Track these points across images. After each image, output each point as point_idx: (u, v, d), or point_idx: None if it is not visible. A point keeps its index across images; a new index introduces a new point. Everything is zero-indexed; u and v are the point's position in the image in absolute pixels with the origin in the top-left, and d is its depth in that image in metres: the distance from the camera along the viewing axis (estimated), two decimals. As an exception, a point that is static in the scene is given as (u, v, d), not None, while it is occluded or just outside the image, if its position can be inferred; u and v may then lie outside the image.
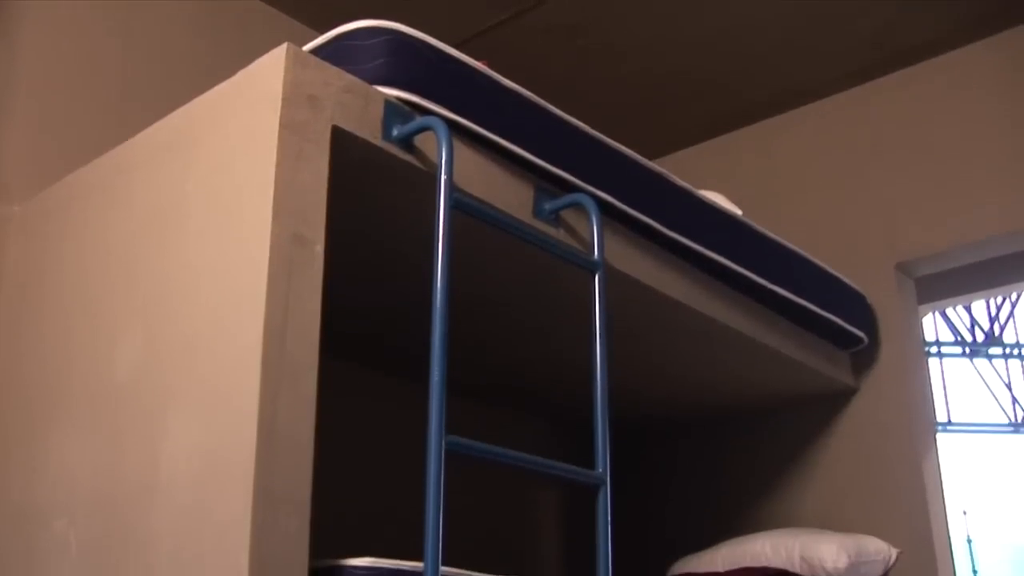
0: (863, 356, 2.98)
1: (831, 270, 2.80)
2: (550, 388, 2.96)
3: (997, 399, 9.59)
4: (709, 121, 3.55)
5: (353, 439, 2.63)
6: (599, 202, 1.97)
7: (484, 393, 2.98)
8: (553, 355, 2.65)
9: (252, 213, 1.50)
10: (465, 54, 1.83)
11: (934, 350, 9.23)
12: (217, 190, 1.61)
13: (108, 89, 2.44)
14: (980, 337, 9.47)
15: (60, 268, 1.95)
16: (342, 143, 1.59)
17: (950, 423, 9.27)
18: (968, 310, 9.41)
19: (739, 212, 2.56)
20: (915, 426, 2.90)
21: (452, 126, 1.72)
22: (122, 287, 1.76)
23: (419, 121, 1.67)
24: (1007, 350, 9.55)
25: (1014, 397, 9.59)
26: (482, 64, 1.86)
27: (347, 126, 1.60)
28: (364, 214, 1.88)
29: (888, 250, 3.06)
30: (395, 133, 1.67)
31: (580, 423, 2.14)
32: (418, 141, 1.71)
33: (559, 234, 1.94)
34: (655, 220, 2.17)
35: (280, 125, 1.50)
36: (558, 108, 2.00)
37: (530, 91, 1.94)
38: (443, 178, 1.58)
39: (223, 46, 2.72)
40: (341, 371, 2.53)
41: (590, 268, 1.86)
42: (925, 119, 3.12)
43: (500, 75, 1.88)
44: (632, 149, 2.17)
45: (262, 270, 1.44)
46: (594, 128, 2.08)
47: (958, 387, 9.49)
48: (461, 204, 1.62)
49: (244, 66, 1.63)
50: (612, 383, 1.79)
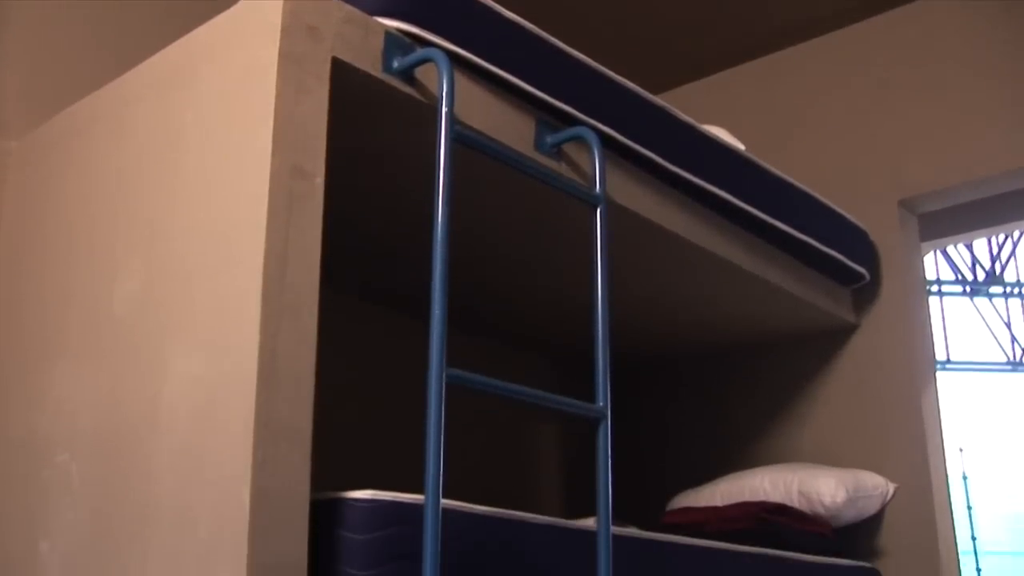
0: (864, 293, 2.98)
1: (833, 206, 2.79)
2: (551, 324, 2.96)
3: (996, 338, 9.61)
4: (712, 56, 3.51)
5: (354, 373, 2.63)
6: (601, 135, 1.95)
7: (485, 330, 2.98)
8: (554, 291, 2.65)
9: (252, 146, 1.49)
10: (466, -15, 1.80)
11: (934, 289, 9.24)
12: (216, 123, 1.60)
13: (105, 22, 2.40)
14: (981, 276, 9.47)
15: (59, 203, 1.94)
16: (342, 75, 1.57)
17: (949, 362, 9.30)
18: (969, 248, 9.40)
19: (742, 147, 2.54)
20: (915, 363, 2.91)
21: (453, 58, 1.70)
22: (121, 221, 1.75)
23: (420, 53, 1.65)
24: (1007, 289, 9.54)
25: (1013, 336, 9.61)
26: (484, -5, 1.83)
27: (347, 58, 1.58)
28: (365, 147, 1.87)
29: (891, 186, 3.05)
30: (395, 65, 1.65)
31: (580, 361, 2.15)
32: (419, 73, 1.69)
33: (560, 168, 1.93)
34: (657, 154, 2.16)
35: (280, 56, 1.49)
36: (560, 41, 1.97)
37: (532, 24, 1.91)
38: (444, 110, 1.56)
39: (221, -23, 2.68)
40: (342, 305, 2.53)
41: (591, 202, 1.85)
42: (930, 55, 3.09)
43: (502, 7, 1.86)
44: (635, 83, 2.14)
45: (262, 203, 1.43)
46: (597, 62, 2.05)
47: (957, 326, 9.51)
48: (462, 137, 1.61)
49: (243, -3, 1.61)
50: (612, 318, 1.79)
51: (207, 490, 1.41)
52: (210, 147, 1.59)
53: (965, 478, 8.49)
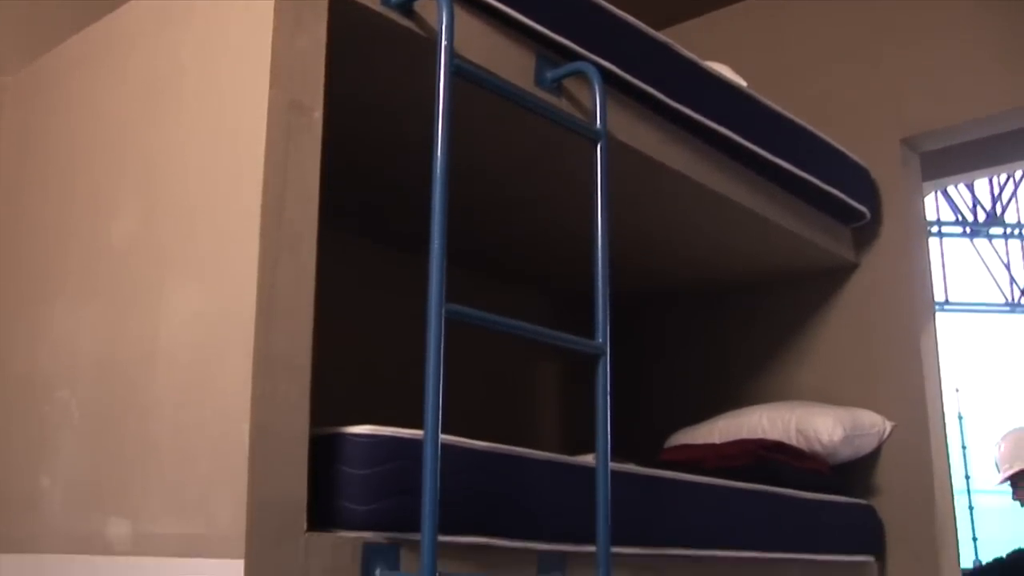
0: (865, 232, 2.97)
1: (835, 144, 2.77)
2: (551, 263, 2.96)
3: (995, 278, 9.62)
4: (716, -9, 3.47)
5: (354, 310, 2.63)
6: (602, 71, 1.93)
7: (484, 267, 2.98)
8: (553, 227, 2.64)
9: (249, 80, 1.47)
10: (466, -84, 1.77)
11: (934, 230, 9.22)
12: (213, 57, 1.58)
13: (99, -47, 2.37)
14: (981, 217, 9.45)
15: (56, 139, 1.92)
16: (340, 8, 1.55)
17: (947, 302, 9.31)
18: (971, 189, 9.37)
19: (744, 84, 2.52)
20: (914, 303, 2.91)
21: (452, -10, 1.68)
22: (119, 157, 1.74)
23: (419, -15, 1.63)
24: (1008, 230, 9.53)
25: (1012, 277, 9.62)
26: (483, -73, 1.80)
27: (345, -10, 1.56)
28: (363, 82, 1.85)
29: (894, 125, 3.02)
30: (394, -2, 1.63)
31: (580, 300, 2.14)
32: (418, 7, 1.67)
33: (561, 103, 1.91)
34: (659, 90, 2.14)
35: (277, -11, 1.47)
36: (561, -26, 1.95)
37: (532, -44, 1.89)
38: (443, 44, 1.54)
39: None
40: (341, 242, 2.52)
41: (592, 137, 1.83)
42: (935, -8, 3.05)
43: (502, -62, 1.83)
44: (637, 19, 2.12)
45: (260, 137, 1.42)
46: (598, -5, 2.03)
47: (956, 267, 9.51)
48: (462, 71, 1.59)
49: (239, -72, 1.58)
50: (612, 255, 1.78)
51: (207, 425, 1.41)
52: (207, 81, 1.58)
53: (960, 418, 8.54)
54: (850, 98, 3.12)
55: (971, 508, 8.31)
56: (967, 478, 8.07)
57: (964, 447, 8.24)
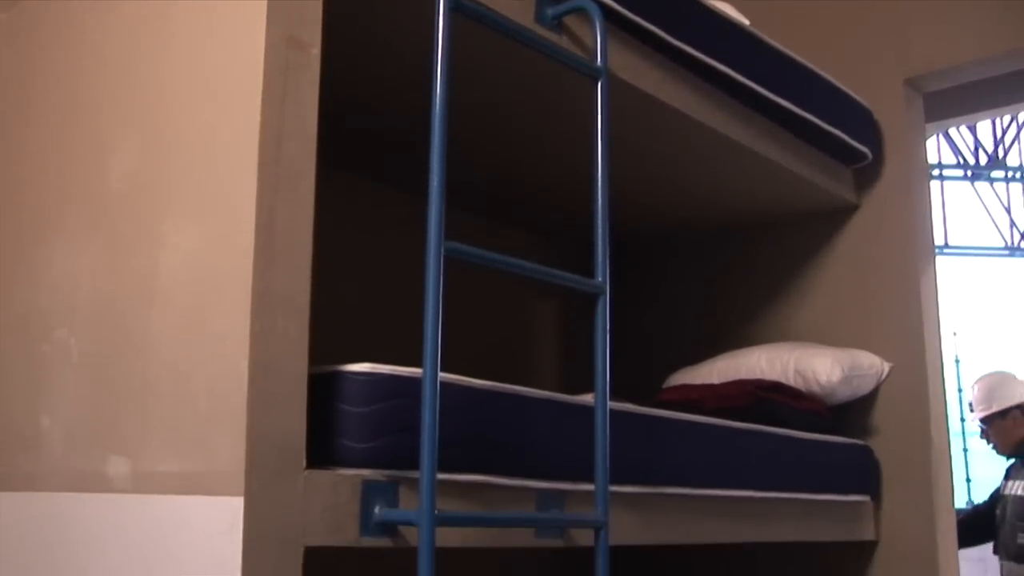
0: (866, 173, 2.96)
1: (837, 83, 2.75)
2: (550, 201, 2.94)
3: (995, 222, 9.61)
4: (717, -71, 3.42)
5: (353, 249, 2.62)
6: (603, 8, 1.91)
7: (484, 207, 2.97)
8: (553, 166, 2.62)
9: (246, 15, 1.46)
10: None
11: (935, 172, 9.19)
12: (209, -9, 1.56)
13: None
14: (983, 160, 9.41)
15: (50, 77, 1.90)
16: (339, -58, 1.53)
17: (947, 246, 9.31)
18: (973, 131, 9.33)
19: (746, 22, 2.49)
20: (914, 245, 2.90)
21: (451, -76, 1.65)
22: (114, 94, 1.72)
23: (417, -83, 1.60)
24: (1009, 173, 9.51)
25: (1012, 220, 9.61)
26: None
27: (343, -77, 1.54)
28: (362, 17, 1.83)
29: (898, 65, 2.99)
30: (392, -70, 1.61)
31: (580, 241, 2.14)
32: (416, -59, 1.64)
33: (562, 41, 1.89)
34: (660, 28, 2.11)
35: (273, -80, 1.44)
36: (562, -92, 1.91)
37: None
38: (443, -22, 1.52)
39: None
40: (341, 181, 2.51)
41: (592, 75, 1.81)
42: (941, -72, 3.01)
43: None
44: (638, -45, 2.09)
45: (257, 74, 1.41)
46: (599, -69, 2.00)
47: (956, 211, 9.50)
48: (461, 7, 1.57)
49: None
50: (612, 195, 1.77)
51: (205, 363, 1.41)
52: (204, 17, 1.56)
53: (958, 362, 8.58)
54: (854, 38, 3.08)
55: (965, 450, 8.39)
56: (962, 420, 8.13)
57: (960, 390, 8.28)
